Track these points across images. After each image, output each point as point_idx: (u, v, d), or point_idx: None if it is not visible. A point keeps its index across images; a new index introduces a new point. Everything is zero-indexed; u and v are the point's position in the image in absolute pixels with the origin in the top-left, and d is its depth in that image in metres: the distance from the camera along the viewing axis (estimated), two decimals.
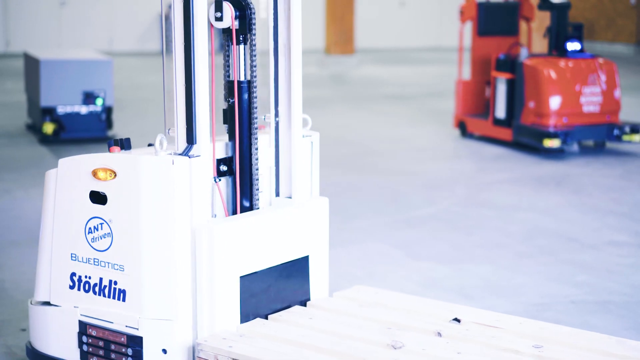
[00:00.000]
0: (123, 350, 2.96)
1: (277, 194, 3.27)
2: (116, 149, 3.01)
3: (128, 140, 3.05)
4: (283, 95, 3.22)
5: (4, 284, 4.43)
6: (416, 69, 16.34)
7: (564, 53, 8.05)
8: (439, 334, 2.97)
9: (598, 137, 7.98)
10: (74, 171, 3.04)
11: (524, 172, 7.27)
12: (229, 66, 3.12)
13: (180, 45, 2.94)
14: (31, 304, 3.21)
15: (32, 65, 8.76)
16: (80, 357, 3.07)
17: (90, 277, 3.04)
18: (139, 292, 2.94)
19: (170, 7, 3.04)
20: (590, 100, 7.92)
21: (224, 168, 3.11)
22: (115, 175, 2.94)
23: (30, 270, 4.62)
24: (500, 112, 8.30)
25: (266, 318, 3.12)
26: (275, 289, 3.16)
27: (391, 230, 5.52)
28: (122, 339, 2.96)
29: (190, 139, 2.94)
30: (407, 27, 22.08)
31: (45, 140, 8.31)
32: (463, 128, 8.83)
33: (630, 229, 5.57)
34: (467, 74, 10.37)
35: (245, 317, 3.04)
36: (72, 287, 3.08)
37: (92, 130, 8.38)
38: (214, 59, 3.04)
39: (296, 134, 3.21)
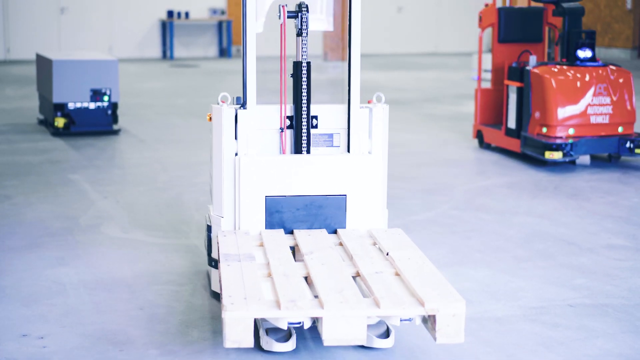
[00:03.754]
0: (206, 233, 4.39)
1: (348, 150, 4.34)
2: (222, 102, 4.23)
3: (239, 98, 4.25)
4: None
5: (5, 290, 4.45)
6: (414, 74, 16.38)
7: (574, 61, 7.69)
8: (352, 257, 3.83)
9: (608, 150, 7.57)
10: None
11: (522, 176, 7.29)
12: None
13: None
14: None
15: (44, 65, 9.50)
16: None
17: None
18: (211, 196, 4.32)
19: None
20: (599, 111, 7.55)
21: (287, 122, 4.28)
22: (211, 118, 4.27)
23: (30, 277, 4.64)
24: (512, 122, 7.98)
25: (291, 232, 4.17)
26: (305, 214, 4.19)
27: None
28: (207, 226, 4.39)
29: (245, 97, 4.20)
30: (404, 32, 22.12)
31: (56, 133, 9.12)
32: (481, 138, 8.50)
33: (627, 233, 5.59)
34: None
35: (270, 226, 4.17)
36: None
37: (100, 124, 9.22)
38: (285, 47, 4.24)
39: (353, 105, 4.29)
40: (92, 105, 9.14)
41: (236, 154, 4.19)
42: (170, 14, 19.78)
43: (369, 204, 4.21)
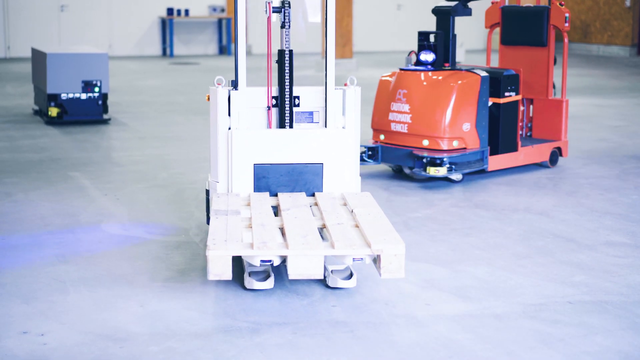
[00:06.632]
0: (205, 197, 5.21)
1: (326, 125, 4.97)
2: (218, 84, 4.88)
3: (233, 81, 4.90)
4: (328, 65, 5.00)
5: (5, 287, 4.46)
6: None
7: (420, 64, 7.03)
8: (322, 213, 4.49)
9: (405, 163, 6.92)
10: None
11: (520, 173, 7.30)
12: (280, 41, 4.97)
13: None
14: None
15: (39, 58, 10.10)
16: None
17: None
18: (210, 165, 5.02)
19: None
20: (398, 118, 6.94)
21: (273, 102, 4.94)
22: (209, 98, 4.95)
23: (30, 274, 4.66)
24: None
25: (276, 195, 4.82)
26: (287, 179, 4.84)
27: None
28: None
29: (236, 80, 4.87)
30: (404, 30, 22.12)
31: (50, 122, 9.73)
32: None
33: (626, 230, 5.60)
34: None
35: (258, 189, 4.83)
36: None
37: (91, 114, 9.83)
38: (270, 39, 4.94)
39: (329, 86, 4.95)
40: (83, 96, 9.73)
41: (229, 128, 4.85)
42: (170, 11, 19.78)
43: (342, 171, 4.87)
